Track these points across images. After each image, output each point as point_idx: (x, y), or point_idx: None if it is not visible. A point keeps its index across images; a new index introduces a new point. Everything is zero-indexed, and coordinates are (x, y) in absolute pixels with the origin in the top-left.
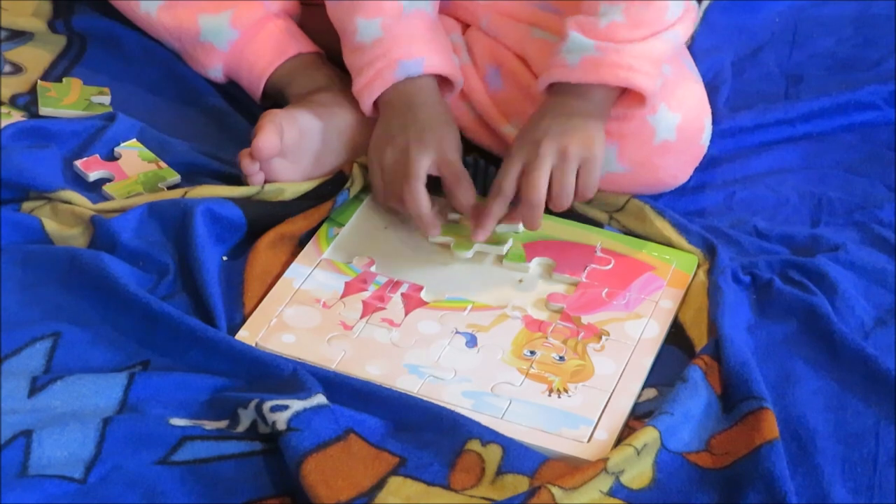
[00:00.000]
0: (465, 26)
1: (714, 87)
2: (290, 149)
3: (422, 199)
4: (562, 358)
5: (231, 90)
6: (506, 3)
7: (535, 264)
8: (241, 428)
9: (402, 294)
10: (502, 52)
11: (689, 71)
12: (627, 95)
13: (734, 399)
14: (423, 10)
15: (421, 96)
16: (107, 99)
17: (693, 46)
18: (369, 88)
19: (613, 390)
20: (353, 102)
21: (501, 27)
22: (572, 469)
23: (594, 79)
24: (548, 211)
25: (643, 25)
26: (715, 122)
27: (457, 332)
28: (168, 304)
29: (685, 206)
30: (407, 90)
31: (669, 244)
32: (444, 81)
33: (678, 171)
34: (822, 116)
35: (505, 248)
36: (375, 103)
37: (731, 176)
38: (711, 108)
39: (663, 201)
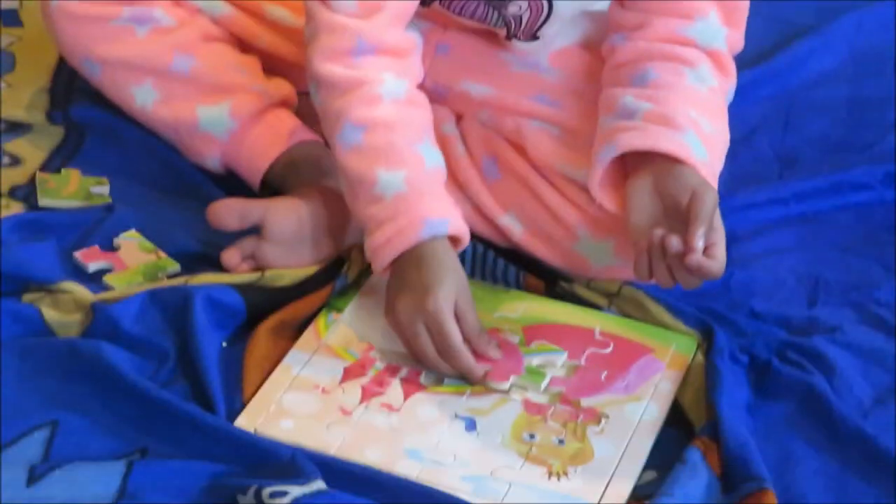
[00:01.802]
0: (458, 117)
1: None
2: (288, 236)
3: (468, 359)
4: (561, 441)
5: (229, 180)
6: (503, 98)
7: (535, 348)
8: None
9: (401, 379)
10: (498, 141)
11: None
12: None
13: (734, 480)
14: (441, 166)
15: (439, 253)
16: (105, 189)
17: None
18: (390, 245)
19: (613, 473)
20: None
21: (498, 119)
22: None
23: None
24: (548, 295)
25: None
26: None
27: (456, 416)
28: (167, 390)
29: (682, 287)
30: (426, 247)
31: (666, 328)
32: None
33: None
34: (817, 197)
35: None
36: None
37: (727, 257)
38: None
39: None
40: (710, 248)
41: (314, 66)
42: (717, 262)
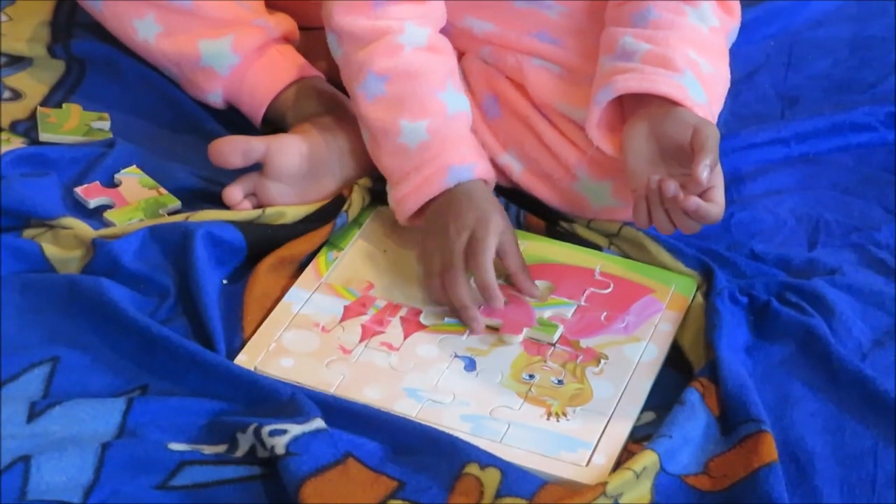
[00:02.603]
0: (461, 54)
1: None
2: (291, 173)
3: (491, 281)
4: (560, 381)
5: (230, 116)
6: (505, 35)
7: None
8: (239, 452)
9: (401, 318)
10: (499, 79)
11: None
12: None
13: (732, 422)
14: (464, 111)
15: (476, 191)
16: (106, 124)
17: None
18: (417, 194)
19: (612, 414)
20: (354, 126)
21: (500, 56)
22: (571, 493)
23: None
24: (549, 234)
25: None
26: None
27: (456, 356)
28: (167, 328)
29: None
30: (457, 192)
31: (666, 268)
32: None
33: None
34: (818, 137)
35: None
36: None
37: (728, 197)
38: None
39: None
40: (709, 191)
41: (335, 19)
42: (716, 205)
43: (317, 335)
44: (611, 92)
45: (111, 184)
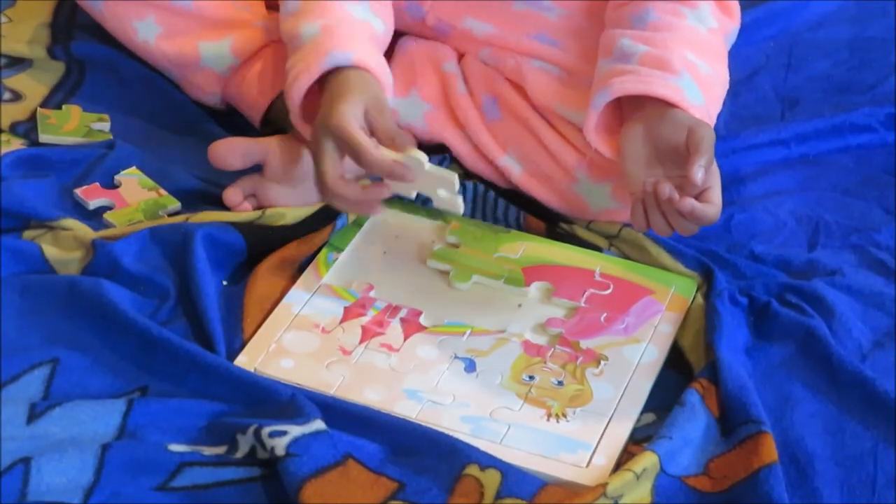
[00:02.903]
0: (461, 55)
1: None
2: (290, 175)
3: (382, 157)
4: (560, 383)
5: (230, 117)
6: (504, 37)
7: (535, 288)
8: (239, 454)
9: (401, 319)
10: (499, 80)
11: None
12: None
13: (732, 423)
14: (372, 26)
15: (350, 78)
16: (106, 126)
17: None
18: (296, 83)
19: (612, 415)
20: None
21: (499, 58)
22: (571, 494)
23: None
24: (549, 236)
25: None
26: None
27: (455, 357)
28: (167, 329)
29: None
30: (336, 79)
31: (666, 270)
32: None
33: None
34: (818, 138)
35: (502, 282)
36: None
37: (728, 198)
38: None
39: None
40: (705, 192)
41: None
42: (713, 206)
43: (317, 336)
44: (607, 95)
45: (111, 185)
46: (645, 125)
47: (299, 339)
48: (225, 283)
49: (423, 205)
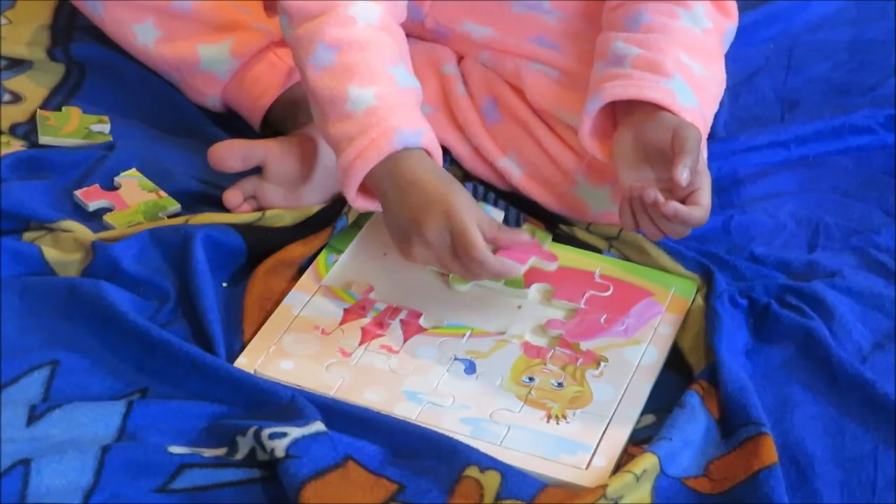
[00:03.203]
0: (460, 57)
1: None
2: (290, 177)
3: (493, 262)
4: (560, 384)
5: (229, 119)
6: (504, 40)
7: (534, 290)
8: (239, 455)
9: (401, 321)
10: (498, 83)
11: None
12: None
13: (733, 424)
14: (415, 88)
15: (422, 167)
16: (106, 128)
17: None
18: (363, 159)
19: (612, 416)
20: None
21: (499, 61)
22: (571, 495)
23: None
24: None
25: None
26: (711, 145)
27: (455, 359)
28: (167, 331)
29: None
30: (406, 163)
31: (666, 271)
32: None
33: None
34: (818, 140)
35: (502, 283)
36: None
37: (728, 200)
38: (709, 130)
39: None
40: (692, 193)
41: None
42: (700, 208)
43: (317, 338)
44: (599, 100)
45: (111, 187)
46: (634, 129)
47: (299, 341)
48: (225, 284)
49: None
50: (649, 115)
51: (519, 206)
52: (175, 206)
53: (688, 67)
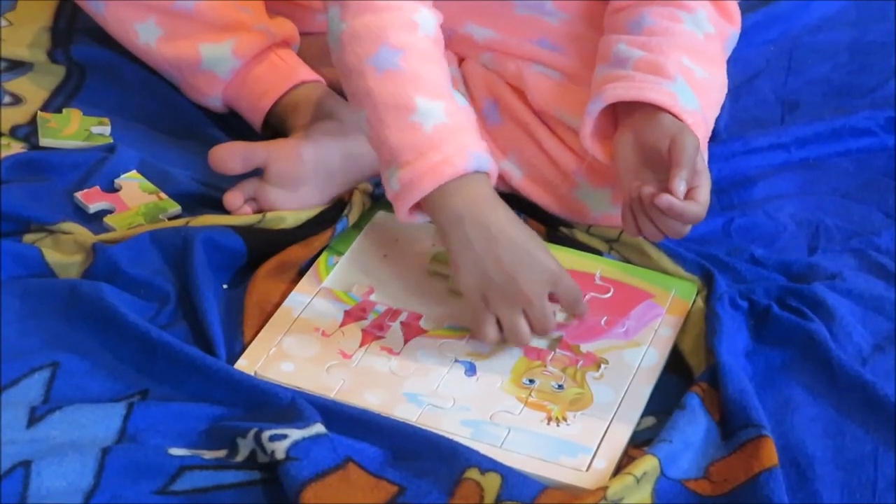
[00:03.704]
0: (461, 59)
1: None
2: (291, 178)
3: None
4: (561, 386)
5: (230, 121)
6: (506, 42)
7: None
8: (239, 457)
9: (402, 322)
10: (500, 85)
11: None
12: None
13: (733, 426)
14: (471, 109)
15: (491, 204)
16: (107, 129)
17: None
18: (434, 174)
19: (612, 419)
20: (356, 131)
21: (500, 62)
22: (571, 497)
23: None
24: (549, 239)
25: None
26: (712, 146)
27: (456, 361)
28: (168, 332)
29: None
30: (471, 190)
31: (666, 273)
32: None
33: None
34: (818, 142)
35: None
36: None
37: (728, 202)
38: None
39: None
40: (692, 190)
41: None
42: (697, 204)
43: (317, 340)
44: (601, 101)
45: (111, 189)
46: (634, 130)
47: (299, 343)
48: (225, 286)
49: None
50: (649, 116)
51: (519, 208)
52: (175, 208)
53: (689, 70)
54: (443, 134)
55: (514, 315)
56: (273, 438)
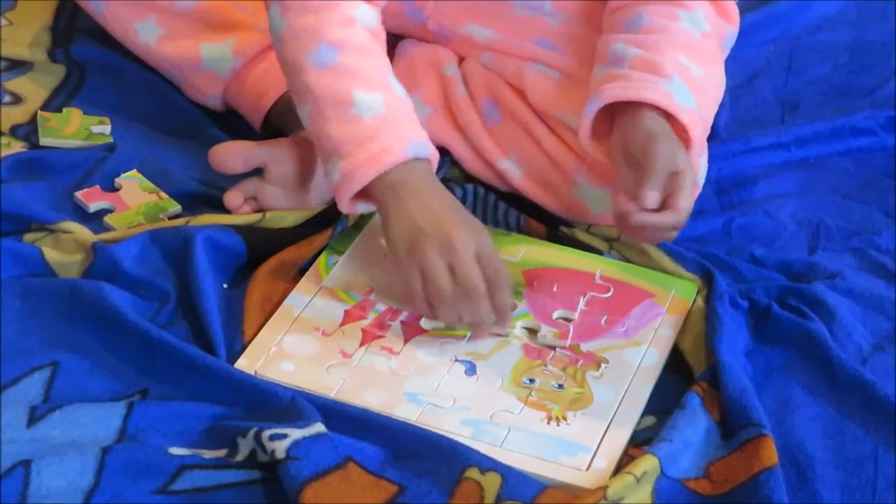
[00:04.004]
0: (461, 59)
1: None
2: (291, 178)
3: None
4: (561, 386)
5: (230, 120)
6: (506, 42)
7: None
8: (240, 457)
9: (402, 322)
10: (500, 84)
11: None
12: None
13: (733, 426)
14: (410, 99)
15: (427, 181)
16: (107, 129)
17: None
18: (373, 163)
19: (612, 418)
20: None
21: (500, 62)
22: (571, 497)
23: (694, 135)
24: (549, 239)
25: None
26: (712, 146)
27: (456, 360)
28: (168, 332)
29: (683, 232)
30: (411, 174)
31: (666, 273)
32: None
33: None
34: (818, 141)
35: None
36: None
37: (728, 202)
38: (709, 132)
39: None
40: (669, 197)
41: None
42: (675, 213)
43: (317, 339)
44: (599, 101)
45: (111, 188)
46: (622, 130)
47: (300, 343)
48: (225, 286)
49: None
50: (634, 117)
51: (519, 208)
52: (176, 208)
53: (686, 68)
54: (381, 124)
55: (439, 262)
56: (273, 438)
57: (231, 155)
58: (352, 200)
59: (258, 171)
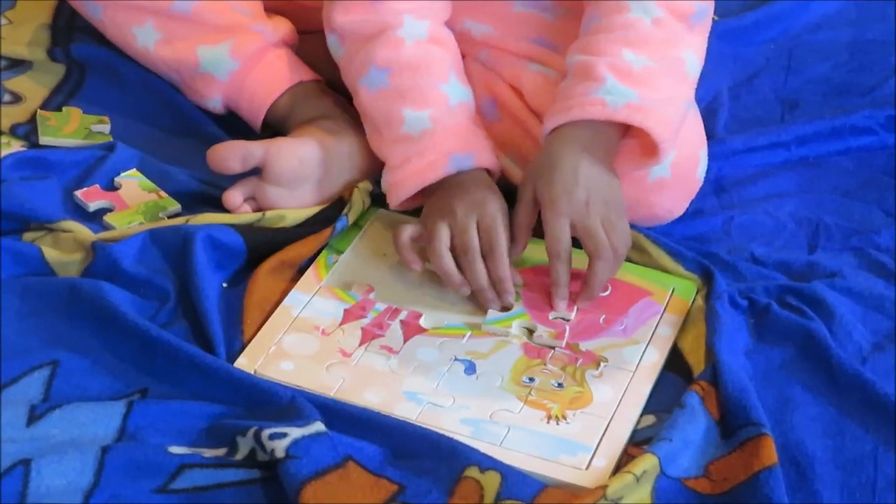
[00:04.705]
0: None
1: (712, 111)
2: (290, 177)
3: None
4: (560, 385)
5: (230, 120)
6: (503, 39)
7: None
8: (239, 456)
9: (401, 321)
10: (498, 83)
11: None
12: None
13: (733, 425)
14: (467, 101)
15: (480, 179)
16: (106, 128)
17: None
18: (416, 178)
19: (612, 417)
20: (355, 129)
21: (498, 60)
22: (571, 496)
23: (637, 122)
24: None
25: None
26: (712, 145)
27: (456, 359)
28: (167, 331)
29: (683, 231)
30: (457, 179)
31: (666, 272)
32: None
33: (673, 206)
34: (818, 140)
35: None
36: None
37: (728, 201)
38: (709, 131)
39: (660, 227)
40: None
41: (335, 19)
42: (589, 288)
43: (317, 338)
44: (546, 131)
45: (111, 187)
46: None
47: (299, 342)
48: (225, 285)
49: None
50: (549, 142)
51: None
52: (175, 207)
53: (627, 64)
54: (427, 141)
55: (468, 217)
56: (273, 437)
57: (230, 154)
58: (403, 204)
59: (257, 171)
